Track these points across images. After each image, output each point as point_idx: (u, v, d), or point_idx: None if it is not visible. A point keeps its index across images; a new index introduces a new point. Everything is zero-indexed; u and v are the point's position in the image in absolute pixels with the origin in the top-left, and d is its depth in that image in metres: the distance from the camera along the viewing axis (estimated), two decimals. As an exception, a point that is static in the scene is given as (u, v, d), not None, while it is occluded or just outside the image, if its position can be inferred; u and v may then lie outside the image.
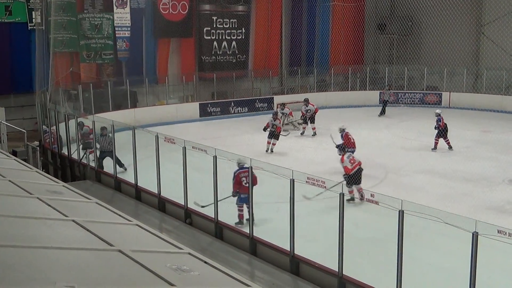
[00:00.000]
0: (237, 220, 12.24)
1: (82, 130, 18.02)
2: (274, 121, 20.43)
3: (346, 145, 16.35)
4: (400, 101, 31.38)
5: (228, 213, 12.08)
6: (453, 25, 29.76)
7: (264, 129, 20.61)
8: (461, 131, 21.65)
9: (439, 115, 20.08)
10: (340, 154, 14.57)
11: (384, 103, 28.61)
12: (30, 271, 3.51)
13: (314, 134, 23.24)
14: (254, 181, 11.39)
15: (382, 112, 28.30)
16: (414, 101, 31.48)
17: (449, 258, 10.53)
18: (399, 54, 33.73)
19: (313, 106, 23.64)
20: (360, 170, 13.92)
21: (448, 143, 19.84)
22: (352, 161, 13.97)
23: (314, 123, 23.41)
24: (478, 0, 31.61)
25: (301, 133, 23.73)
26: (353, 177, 13.75)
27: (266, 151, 20.11)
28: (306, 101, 23.88)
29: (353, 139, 17.61)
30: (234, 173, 12.10)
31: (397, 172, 17.39)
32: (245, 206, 12.05)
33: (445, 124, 19.90)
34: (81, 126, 18.09)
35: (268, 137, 20.37)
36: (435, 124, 19.97)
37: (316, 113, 23.53)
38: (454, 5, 28.58)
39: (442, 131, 19.86)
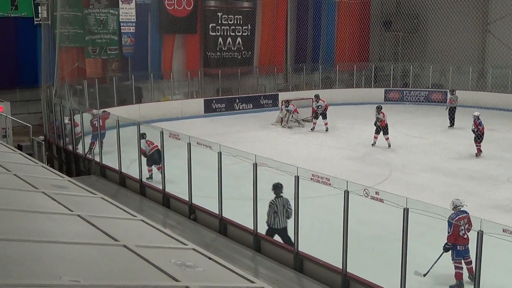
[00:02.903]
0: (455, 283, 9.55)
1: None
2: (378, 114, 20.45)
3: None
4: (405, 99, 31.33)
5: (233, 209, 12.07)
6: (459, 23, 29.66)
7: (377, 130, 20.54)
8: (466, 130, 21.55)
9: (478, 117, 18.90)
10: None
11: (452, 111, 24.43)
12: (35, 265, 3.52)
13: (327, 129, 23.30)
14: None
15: (451, 124, 24.24)
16: (419, 99, 31.42)
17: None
18: (404, 52, 33.62)
19: (324, 102, 23.68)
20: (158, 151, 15.06)
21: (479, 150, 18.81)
22: (149, 144, 15.57)
23: (326, 118, 23.52)
24: (485, -2, 31.51)
25: (311, 129, 23.76)
26: (151, 158, 15.44)
27: (389, 146, 20.18)
28: (317, 97, 23.90)
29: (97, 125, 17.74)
30: (451, 221, 9.28)
31: (401, 170, 17.36)
32: (463, 261, 9.65)
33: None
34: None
35: (376, 133, 20.43)
36: (473, 126, 18.86)
37: (327, 109, 23.57)
38: (460, 2, 28.46)
39: (480, 135, 18.75)
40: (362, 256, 10.35)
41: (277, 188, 10.86)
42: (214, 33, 30.90)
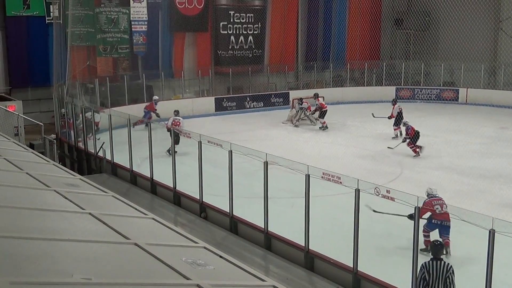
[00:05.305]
0: (424, 247, 10.11)
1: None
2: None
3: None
4: (416, 97, 31.19)
5: (243, 208, 12.08)
6: (471, 21, 29.44)
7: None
8: (478, 128, 21.44)
9: (405, 123, 19.17)
10: None
11: None
12: (47, 263, 3.54)
13: (325, 128, 23.23)
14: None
15: None
16: (431, 97, 31.24)
17: (465, 255, 10.47)
18: (416, 50, 33.47)
19: (319, 101, 23.72)
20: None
21: (415, 150, 18.49)
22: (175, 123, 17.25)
23: (323, 118, 23.41)
24: (497, -5, 31.26)
25: (320, 128, 23.66)
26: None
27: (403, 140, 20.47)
28: (316, 96, 24.03)
29: None
30: (424, 202, 9.78)
31: (413, 168, 17.29)
32: (433, 233, 10.41)
33: (417, 131, 18.56)
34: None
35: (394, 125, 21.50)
36: (406, 135, 18.99)
37: (323, 108, 23.44)
38: (472, 0, 28.28)
39: (412, 138, 18.56)
40: (373, 254, 10.33)
41: (436, 248, 8.28)
42: (225, 32, 30.88)
